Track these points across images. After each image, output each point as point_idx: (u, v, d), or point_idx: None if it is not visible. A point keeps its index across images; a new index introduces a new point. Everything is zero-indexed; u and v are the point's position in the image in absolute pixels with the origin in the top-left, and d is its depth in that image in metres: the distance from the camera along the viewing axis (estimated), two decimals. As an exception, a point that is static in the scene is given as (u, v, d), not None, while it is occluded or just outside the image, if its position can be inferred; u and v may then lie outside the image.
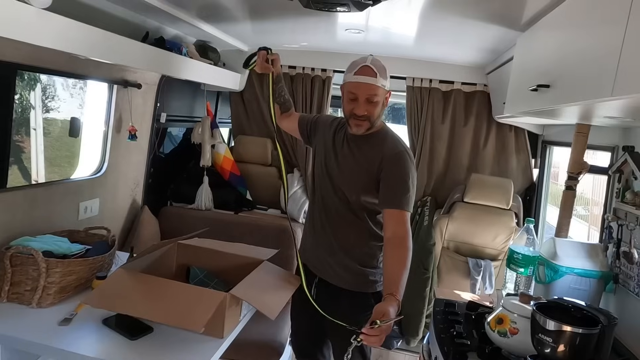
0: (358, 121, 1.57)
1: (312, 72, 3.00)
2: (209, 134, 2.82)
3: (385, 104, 1.61)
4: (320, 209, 1.71)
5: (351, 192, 1.62)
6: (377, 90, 1.53)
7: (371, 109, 1.54)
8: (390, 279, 1.42)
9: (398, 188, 1.54)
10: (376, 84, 1.52)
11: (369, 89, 1.52)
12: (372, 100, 1.53)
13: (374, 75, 1.52)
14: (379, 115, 1.60)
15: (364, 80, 1.52)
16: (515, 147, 2.90)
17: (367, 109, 1.54)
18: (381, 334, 1.24)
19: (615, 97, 0.93)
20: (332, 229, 1.67)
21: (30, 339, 1.34)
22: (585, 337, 1.19)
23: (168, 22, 2.24)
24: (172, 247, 1.84)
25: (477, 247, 2.72)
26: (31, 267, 1.51)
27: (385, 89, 1.57)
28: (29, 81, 3.01)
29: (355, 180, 1.61)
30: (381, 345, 1.33)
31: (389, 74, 1.59)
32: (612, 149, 1.93)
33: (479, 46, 2.26)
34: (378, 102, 1.55)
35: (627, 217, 1.67)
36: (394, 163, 1.56)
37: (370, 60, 1.55)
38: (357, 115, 1.55)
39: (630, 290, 1.64)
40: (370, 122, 1.57)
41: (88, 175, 2.25)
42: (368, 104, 1.54)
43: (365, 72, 1.52)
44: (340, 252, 1.66)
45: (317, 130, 1.80)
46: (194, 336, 1.41)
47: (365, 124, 1.57)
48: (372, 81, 1.52)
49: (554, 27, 1.45)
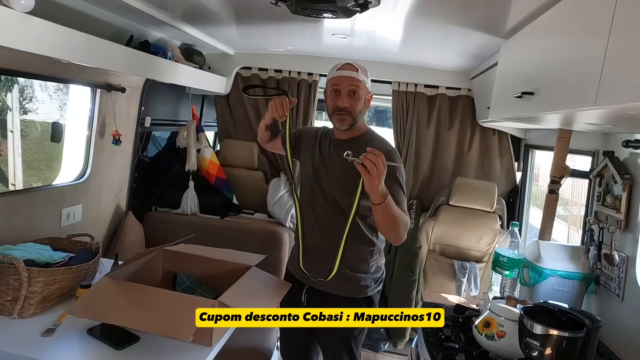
0: (341, 115, 1.61)
1: (298, 75, 3.00)
2: (194, 137, 2.79)
3: (367, 105, 1.66)
4: (310, 217, 1.71)
5: (343, 196, 1.62)
6: (359, 84, 1.59)
7: (353, 102, 1.59)
8: None
9: (391, 187, 1.56)
10: (358, 77, 1.59)
11: (351, 81, 1.59)
12: (354, 93, 1.59)
13: (355, 70, 1.61)
14: (361, 112, 1.63)
15: (347, 74, 1.60)
16: (499, 150, 2.95)
17: (349, 102, 1.59)
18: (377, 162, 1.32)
19: (598, 106, 0.95)
20: (323, 235, 1.67)
21: (12, 351, 1.30)
22: (571, 340, 1.22)
23: (153, 25, 2.21)
24: (157, 253, 1.81)
25: (463, 249, 2.76)
26: (12, 276, 1.46)
27: (366, 86, 1.63)
28: (6, 82, 2.93)
29: (345, 183, 1.62)
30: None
31: (369, 77, 1.65)
32: (593, 153, 1.98)
33: (463, 52, 2.29)
34: (360, 96, 1.60)
35: (608, 220, 1.71)
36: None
37: (352, 61, 1.64)
38: (340, 107, 1.60)
39: (611, 291, 1.68)
40: (353, 116, 1.61)
41: (70, 181, 2.20)
42: (350, 97, 1.59)
43: (347, 67, 1.62)
44: (332, 259, 1.65)
45: (302, 141, 1.82)
46: (182, 345, 1.39)
47: (348, 119, 1.61)
48: (354, 74, 1.60)
49: (538, 35, 1.48)
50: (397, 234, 1.52)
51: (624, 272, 1.61)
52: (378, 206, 1.41)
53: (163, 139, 3.16)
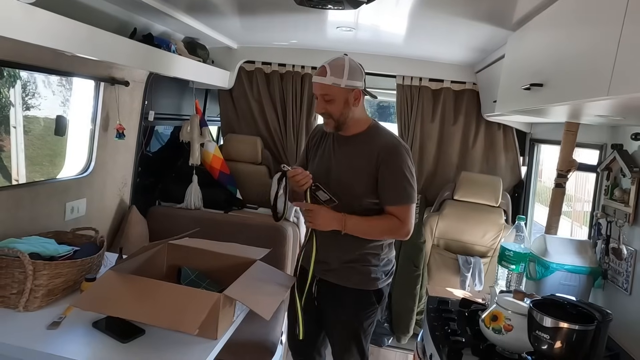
0: (324, 119, 1.63)
1: (302, 69, 2.99)
2: (197, 132, 2.78)
3: (353, 102, 1.58)
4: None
5: (345, 193, 1.60)
6: (327, 89, 1.55)
7: (328, 107, 1.57)
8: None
9: (398, 183, 1.56)
10: (325, 82, 1.54)
11: (319, 87, 1.57)
12: (326, 98, 1.56)
13: (324, 74, 1.54)
14: (343, 113, 1.57)
15: (315, 80, 1.58)
16: (504, 145, 2.93)
17: (324, 107, 1.58)
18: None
19: (611, 96, 0.94)
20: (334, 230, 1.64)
21: (18, 344, 1.29)
22: (581, 333, 1.20)
23: (156, 19, 2.19)
24: (162, 247, 1.81)
25: (467, 244, 2.74)
26: (17, 269, 1.46)
27: (342, 87, 1.54)
28: (9, 78, 2.92)
29: (353, 181, 1.61)
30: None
31: (356, 74, 1.56)
32: (601, 147, 1.96)
33: (469, 45, 2.27)
34: (333, 100, 1.56)
35: (616, 213, 1.70)
36: (390, 156, 1.57)
37: (332, 60, 1.56)
38: (318, 113, 1.62)
39: (618, 285, 1.67)
40: (334, 119, 1.59)
41: (74, 175, 2.19)
42: (324, 103, 1.57)
43: (319, 72, 1.57)
44: (344, 254, 1.65)
45: (309, 151, 1.81)
46: (187, 338, 1.38)
47: (330, 122, 1.60)
48: (321, 80, 1.55)
49: (547, 26, 1.45)
50: (387, 238, 1.68)
51: (632, 266, 1.60)
52: (343, 232, 1.56)
53: (166, 134, 3.15)
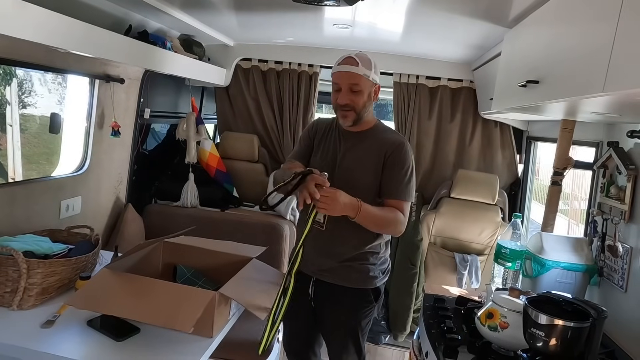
0: (343, 112, 1.58)
1: (298, 67, 2.97)
2: (194, 130, 2.76)
3: (373, 97, 1.61)
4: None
5: (357, 192, 1.54)
6: (358, 79, 1.54)
7: (354, 98, 1.55)
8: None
9: (402, 178, 1.57)
10: (357, 72, 1.53)
11: (350, 77, 1.54)
12: (354, 89, 1.54)
13: (355, 64, 1.54)
14: (366, 106, 1.59)
15: (345, 69, 1.54)
16: (501, 142, 2.93)
17: (350, 99, 1.55)
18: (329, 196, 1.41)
19: (606, 92, 0.94)
20: (333, 229, 1.63)
21: (12, 343, 1.29)
22: (576, 330, 1.20)
23: (152, 15, 2.18)
24: (158, 245, 1.80)
25: (464, 242, 2.74)
26: (11, 268, 1.45)
27: (370, 80, 1.56)
28: (4, 76, 2.90)
29: (360, 177, 1.60)
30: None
31: (377, 69, 1.60)
32: (597, 144, 1.96)
33: (466, 42, 2.27)
34: (361, 91, 1.55)
35: (612, 211, 1.70)
36: (399, 152, 1.59)
37: (356, 53, 1.58)
38: (340, 105, 1.56)
39: (614, 283, 1.67)
40: (356, 112, 1.57)
41: (69, 173, 2.18)
42: (351, 94, 1.55)
43: (347, 61, 1.55)
44: (342, 253, 1.64)
45: (313, 141, 1.76)
46: (182, 336, 1.38)
47: (351, 114, 1.57)
48: (354, 70, 1.53)
49: (543, 23, 1.45)
50: (388, 232, 1.63)
51: (628, 263, 1.60)
52: (355, 219, 1.49)
53: (162, 132, 3.14)
